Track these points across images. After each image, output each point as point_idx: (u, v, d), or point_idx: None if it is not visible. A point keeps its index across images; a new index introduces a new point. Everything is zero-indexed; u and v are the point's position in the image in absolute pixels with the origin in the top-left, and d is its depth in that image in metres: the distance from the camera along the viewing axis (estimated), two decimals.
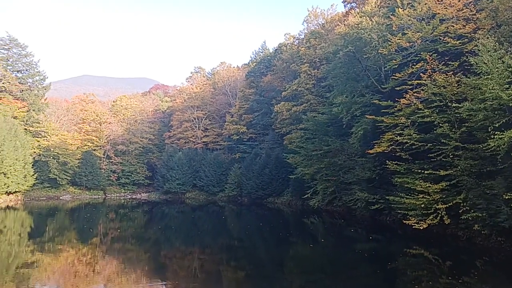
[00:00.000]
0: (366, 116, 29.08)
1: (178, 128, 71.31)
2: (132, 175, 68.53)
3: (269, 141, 57.03)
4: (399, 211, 24.20)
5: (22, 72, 57.48)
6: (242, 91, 65.30)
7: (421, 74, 25.16)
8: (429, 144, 23.04)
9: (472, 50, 23.00)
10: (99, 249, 20.85)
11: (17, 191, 48.20)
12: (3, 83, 52.31)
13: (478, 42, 21.66)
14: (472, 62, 20.24)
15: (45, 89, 59.89)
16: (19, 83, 55.45)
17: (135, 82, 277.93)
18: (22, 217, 35.96)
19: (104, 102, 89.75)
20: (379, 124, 27.05)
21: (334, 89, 36.48)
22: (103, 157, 66.22)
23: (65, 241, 23.57)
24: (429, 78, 24.14)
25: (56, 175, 56.19)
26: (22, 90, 55.36)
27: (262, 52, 73.67)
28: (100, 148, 66.67)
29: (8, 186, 45.56)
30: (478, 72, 19.95)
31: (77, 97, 76.25)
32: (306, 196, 39.76)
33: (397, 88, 27.00)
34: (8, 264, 16.86)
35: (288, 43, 59.87)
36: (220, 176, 61.60)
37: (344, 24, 41.15)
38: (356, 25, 33.27)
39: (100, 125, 67.56)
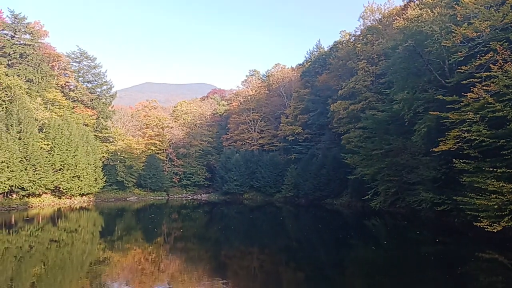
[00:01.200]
0: (429, 112, 27.70)
1: (235, 131, 72.70)
2: (193, 177, 70.96)
3: (325, 141, 56.18)
4: (469, 213, 22.64)
5: (92, 82, 61.82)
6: (297, 92, 64.99)
7: (490, 65, 23.39)
8: (501, 141, 21.31)
9: None
10: (163, 248, 21.79)
11: (89, 193, 51.82)
12: (75, 94, 56.66)
13: None
14: None
15: (112, 97, 63.95)
16: (89, 93, 59.71)
17: (193, 87, 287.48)
18: (94, 217, 38.60)
19: (165, 107, 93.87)
20: (444, 120, 25.58)
21: (394, 86, 35.13)
22: (166, 160, 69.24)
23: (132, 240, 24.93)
24: (500, 70, 22.36)
25: (123, 177, 59.65)
26: (92, 99, 59.56)
27: (316, 51, 72.82)
28: (163, 152, 69.82)
29: (81, 189, 49.14)
30: None
31: (141, 104, 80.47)
32: (366, 197, 38.62)
33: (463, 82, 25.36)
34: (83, 261, 18.17)
35: (343, 41, 58.56)
36: (276, 177, 61.80)
37: (402, 18, 39.58)
38: (416, 18, 31.87)
39: (162, 130, 70.79)
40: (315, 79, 62.36)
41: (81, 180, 48.68)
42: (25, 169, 41.31)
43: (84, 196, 51.41)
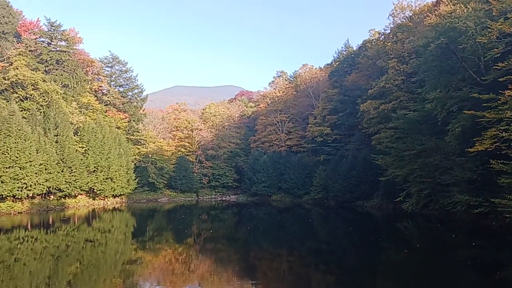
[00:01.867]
0: (464, 111, 26.77)
1: (263, 132, 72.78)
2: (222, 178, 71.53)
3: (355, 142, 55.30)
4: (508, 215, 21.71)
5: (123, 86, 63.56)
6: (325, 92, 64.35)
7: None
8: None
9: None
10: (193, 249, 22.07)
11: (122, 194, 53.19)
12: (108, 98, 58.38)
13: None
14: None
15: (143, 101, 65.50)
16: (121, 96, 61.37)
17: (221, 90, 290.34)
18: (126, 218, 39.59)
19: (194, 110, 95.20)
20: (480, 119, 24.66)
21: (426, 84, 34.17)
22: (195, 162, 70.17)
23: (163, 240, 25.40)
24: None
25: (154, 179, 60.88)
26: (124, 103, 61.21)
27: (345, 51, 71.88)
28: (192, 153, 70.81)
29: (114, 190, 50.51)
30: None
31: (171, 107, 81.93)
32: (398, 199, 37.72)
33: (500, 79, 24.37)
34: (116, 261, 18.67)
35: (373, 39, 57.54)
36: (304, 178, 61.33)
37: (434, 15, 38.51)
38: (449, 14, 30.92)
39: (192, 132, 71.82)
40: (343, 79, 61.54)
41: (114, 182, 50.02)
42: (62, 171, 42.92)
43: (117, 197, 52.79)
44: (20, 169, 37.00)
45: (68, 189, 43.83)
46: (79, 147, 46.86)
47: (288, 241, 25.11)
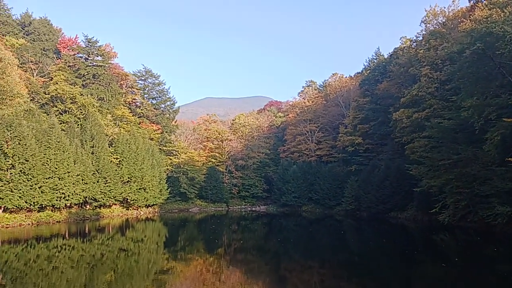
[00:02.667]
0: (503, 119, 25.66)
1: (292, 142, 72.51)
2: (251, 188, 71.66)
3: (388, 151, 54.08)
4: None
5: (156, 98, 65.36)
6: (356, 101, 63.52)
7: None
8: None
9: None
10: (223, 259, 22.10)
11: (154, 204, 54.21)
12: (141, 110, 60.09)
13: None
14: None
15: (175, 112, 67.04)
16: (154, 108, 63.09)
17: (251, 100, 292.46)
18: (159, 227, 40.23)
19: (224, 121, 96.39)
20: None
21: (461, 92, 33.13)
22: (225, 172, 70.73)
23: (194, 250, 25.60)
24: None
25: (186, 189, 61.77)
26: (157, 115, 62.85)
27: (376, 59, 70.86)
28: (222, 164, 71.48)
29: (147, 200, 51.57)
30: None
31: (201, 118, 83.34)
32: (433, 210, 36.44)
33: None
34: (148, 270, 18.96)
35: (404, 47, 56.50)
36: (336, 189, 60.42)
37: (469, 20, 37.45)
38: (485, 19, 30.02)
39: (222, 142, 72.62)
40: (375, 87, 60.57)
41: (147, 192, 51.07)
42: (97, 182, 44.28)
43: (150, 207, 53.83)
44: (59, 180, 38.48)
45: (103, 199, 45.13)
46: (114, 158, 48.27)
47: (320, 253, 24.70)
